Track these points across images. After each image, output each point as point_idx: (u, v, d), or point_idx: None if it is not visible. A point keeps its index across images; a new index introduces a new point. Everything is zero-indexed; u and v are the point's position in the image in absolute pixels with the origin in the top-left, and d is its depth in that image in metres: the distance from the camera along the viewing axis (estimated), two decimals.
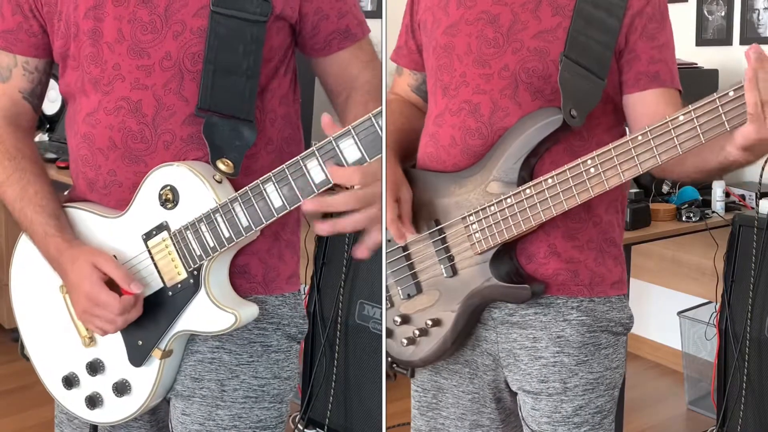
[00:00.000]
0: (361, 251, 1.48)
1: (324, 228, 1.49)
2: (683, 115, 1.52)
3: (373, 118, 1.42)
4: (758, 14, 3.95)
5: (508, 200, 1.68)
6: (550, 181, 1.64)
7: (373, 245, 1.49)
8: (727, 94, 1.48)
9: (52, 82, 1.80)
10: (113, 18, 1.59)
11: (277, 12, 1.61)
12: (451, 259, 1.76)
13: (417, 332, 1.80)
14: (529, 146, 1.68)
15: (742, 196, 3.50)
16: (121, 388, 1.65)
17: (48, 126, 4.07)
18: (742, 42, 4.00)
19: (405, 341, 1.81)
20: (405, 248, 1.80)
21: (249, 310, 1.61)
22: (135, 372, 1.64)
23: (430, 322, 1.78)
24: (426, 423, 1.91)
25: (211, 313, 1.58)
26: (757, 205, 3.29)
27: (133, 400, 1.66)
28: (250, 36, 1.58)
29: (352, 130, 1.43)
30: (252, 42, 1.58)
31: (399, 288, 1.82)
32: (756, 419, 3.25)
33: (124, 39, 1.58)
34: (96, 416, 1.70)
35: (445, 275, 1.77)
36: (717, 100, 1.49)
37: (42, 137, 4.08)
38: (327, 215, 1.53)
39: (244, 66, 1.58)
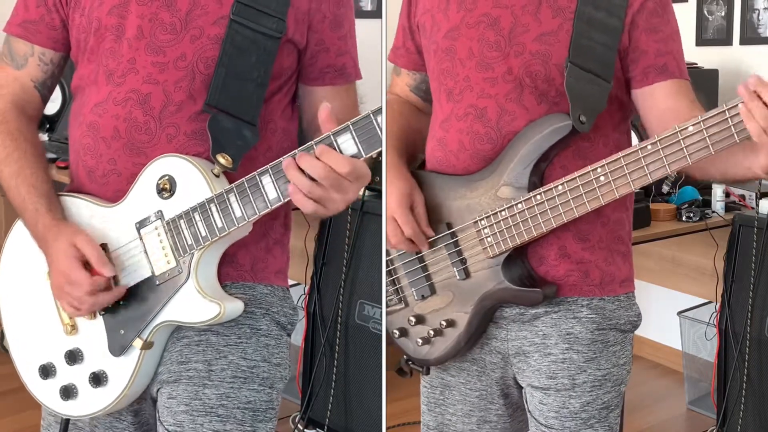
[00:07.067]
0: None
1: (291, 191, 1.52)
2: (692, 125, 1.53)
3: (372, 116, 1.46)
4: (758, 14, 3.97)
5: (519, 206, 1.69)
6: (560, 188, 1.66)
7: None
8: (736, 106, 1.49)
9: None
10: (136, 16, 1.63)
11: (289, 35, 1.66)
12: (463, 262, 1.77)
13: (432, 332, 1.81)
14: (539, 152, 1.69)
15: (742, 196, 3.50)
16: (98, 379, 1.65)
17: (48, 126, 4.05)
18: (742, 42, 4.02)
19: (420, 341, 1.83)
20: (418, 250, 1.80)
21: (234, 305, 1.62)
22: (113, 362, 1.65)
23: (444, 323, 1.79)
24: (434, 419, 1.93)
25: (196, 303, 1.59)
26: (757, 205, 3.29)
27: (108, 392, 1.65)
28: (264, 48, 1.63)
29: (350, 126, 1.47)
30: (265, 54, 1.63)
31: (413, 289, 1.83)
32: (756, 419, 3.26)
33: (144, 36, 1.62)
34: (69, 408, 1.70)
35: (458, 277, 1.78)
36: (726, 111, 1.51)
37: (42, 137, 4.05)
38: None
39: (255, 74, 1.63)
